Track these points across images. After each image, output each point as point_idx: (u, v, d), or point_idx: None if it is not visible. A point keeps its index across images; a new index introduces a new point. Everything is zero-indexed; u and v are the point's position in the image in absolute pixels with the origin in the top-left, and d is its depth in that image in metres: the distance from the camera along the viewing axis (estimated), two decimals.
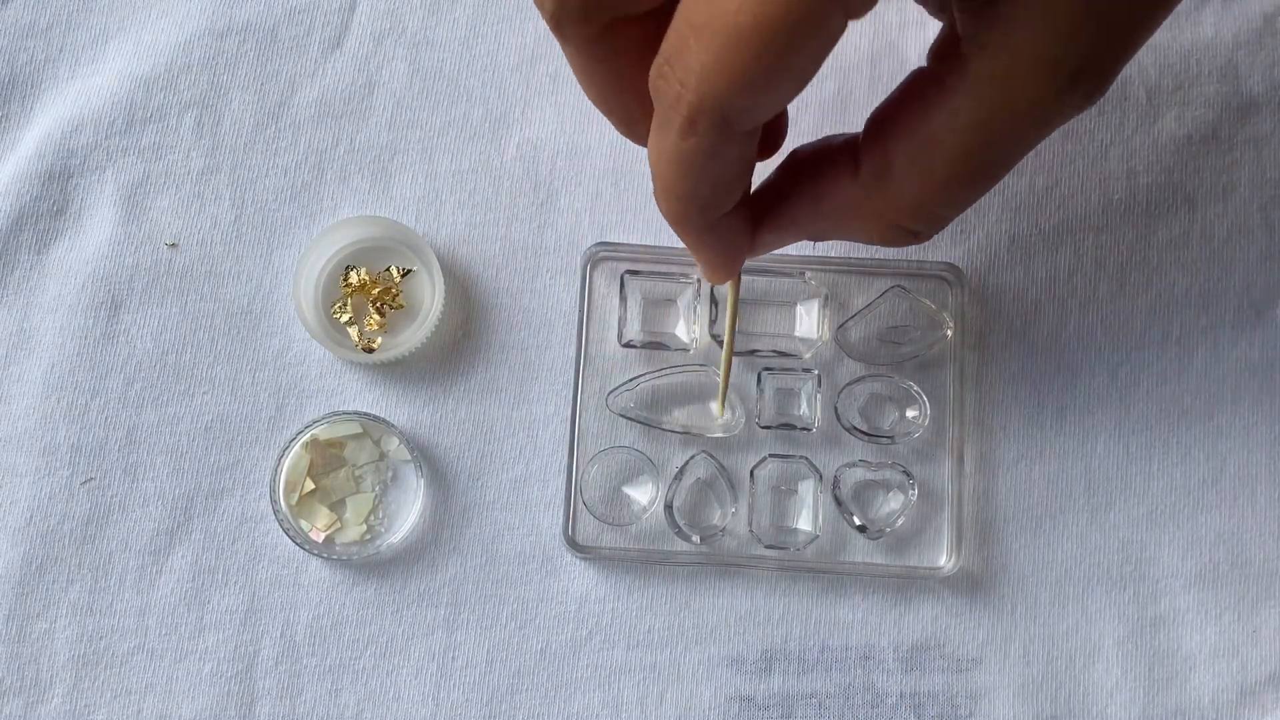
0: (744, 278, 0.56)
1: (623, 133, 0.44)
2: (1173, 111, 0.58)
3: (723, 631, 0.56)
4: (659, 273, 0.56)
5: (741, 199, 0.44)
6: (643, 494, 0.55)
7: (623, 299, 0.56)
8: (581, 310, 0.56)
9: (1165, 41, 0.58)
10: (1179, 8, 0.58)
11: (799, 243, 0.47)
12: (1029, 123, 0.40)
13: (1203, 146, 0.58)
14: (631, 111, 0.42)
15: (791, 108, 0.59)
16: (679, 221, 0.43)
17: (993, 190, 0.57)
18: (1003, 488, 0.56)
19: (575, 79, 0.43)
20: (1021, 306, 0.57)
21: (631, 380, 0.56)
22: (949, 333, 0.56)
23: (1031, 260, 0.57)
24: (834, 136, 0.45)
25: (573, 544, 0.55)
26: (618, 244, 0.56)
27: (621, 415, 0.56)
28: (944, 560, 0.55)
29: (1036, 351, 0.57)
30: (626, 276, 0.56)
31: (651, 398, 0.56)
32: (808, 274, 0.56)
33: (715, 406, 0.55)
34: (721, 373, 0.53)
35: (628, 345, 0.56)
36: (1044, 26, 0.37)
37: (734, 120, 0.38)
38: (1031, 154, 0.57)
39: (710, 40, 0.36)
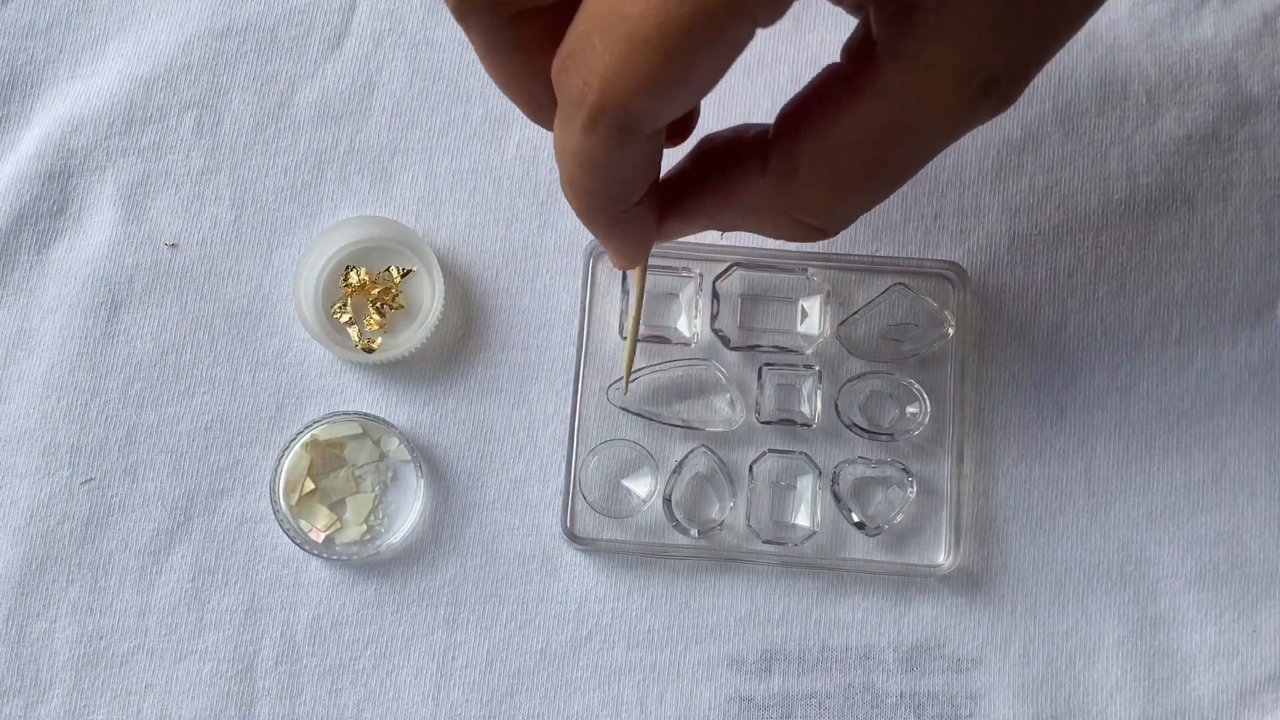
0: (746, 272, 0.56)
1: (531, 118, 0.44)
2: (1173, 111, 0.58)
3: (723, 631, 0.56)
4: (661, 266, 0.56)
5: (649, 189, 0.43)
6: (642, 487, 0.55)
7: (625, 292, 0.56)
8: (584, 303, 0.56)
9: (1165, 41, 0.58)
10: (1179, 8, 0.58)
11: (708, 231, 0.47)
12: (939, 130, 0.40)
13: (1203, 146, 0.58)
14: (538, 99, 0.42)
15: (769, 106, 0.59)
16: (584, 215, 0.43)
17: (993, 190, 0.57)
18: (1002, 487, 0.56)
19: (495, 83, 0.42)
20: (1021, 306, 0.57)
21: (632, 373, 0.56)
22: (950, 331, 0.56)
23: (1031, 260, 0.57)
24: (746, 127, 0.44)
25: (571, 536, 0.55)
26: None
27: (621, 408, 0.56)
28: (942, 558, 0.55)
29: (1036, 351, 0.57)
30: (628, 270, 0.56)
31: (652, 391, 0.56)
32: (810, 270, 0.56)
33: (620, 388, 0.55)
34: (625, 357, 0.53)
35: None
36: (959, 37, 0.37)
37: (637, 123, 0.38)
38: (1032, 154, 0.58)
39: (614, 43, 0.36)
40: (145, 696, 0.55)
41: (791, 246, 0.56)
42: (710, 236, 0.56)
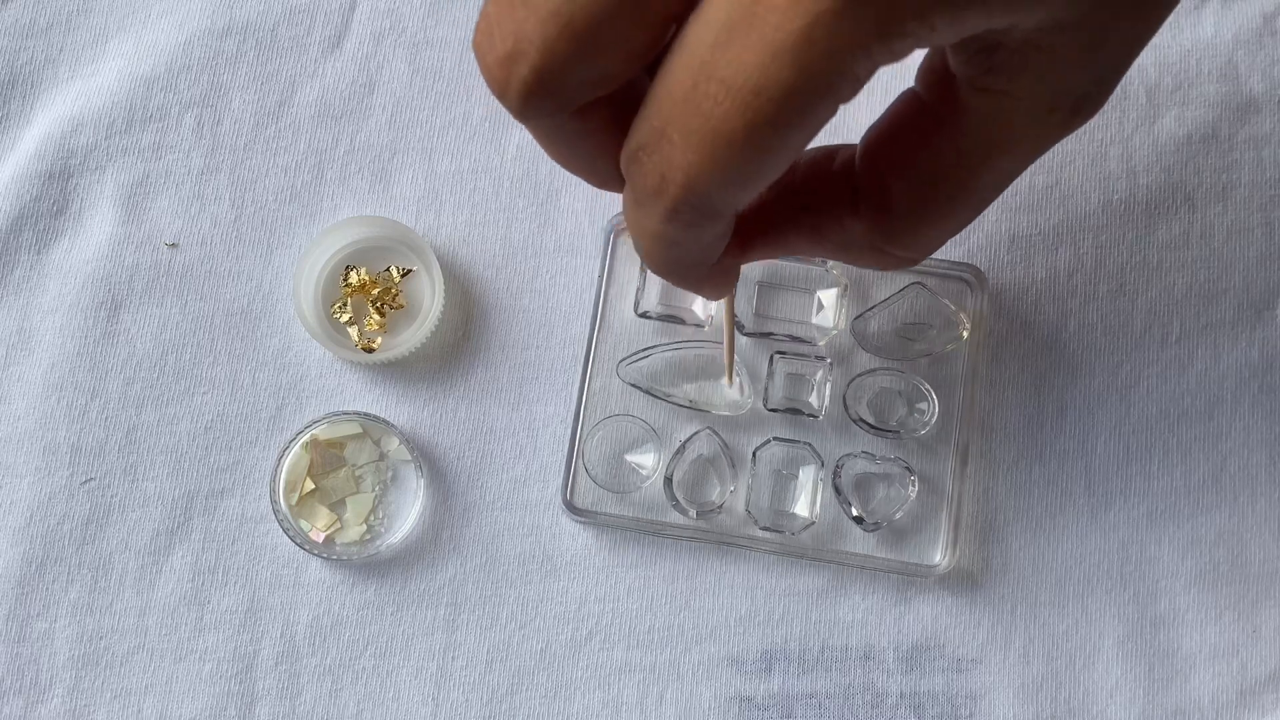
0: (765, 260, 0.56)
1: (595, 187, 0.42)
2: (1173, 111, 0.58)
3: (723, 631, 0.56)
4: None
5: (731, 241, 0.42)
6: (645, 463, 0.56)
7: (642, 270, 0.56)
8: (601, 277, 0.56)
9: (1165, 41, 0.58)
10: (1179, 7, 0.58)
11: None
12: (1029, 151, 0.40)
13: (1203, 146, 0.58)
14: (604, 175, 0.40)
15: None
16: (667, 277, 0.42)
17: None
18: (1002, 487, 0.56)
19: (557, 162, 0.41)
20: (1021, 306, 0.57)
21: (644, 350, 0.56)
22: (965, 334, 0.56)
23: (1031, 260, 0.57)
24: (827, 153, 0.44)
25: (571, 507, 0.55)
26: None
27: (631, 384, 0.56)
28: (939, 558, 0.55)
29: (1036, 351, 0.57)
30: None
31: (661, 370, 0.56)
32: (830, 262, 0.56)
33: (725, 383, 0.55)
34: (726, 359, 0.53)
35: (643, 316, 0.56)
36: (1046, 70, 0.37)
37: (720, 208, 0.37)
38: None
39: (695, 140, 0.34)
40: (145, 696, 0.55)
41: None
42: None
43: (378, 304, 0.57)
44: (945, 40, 0.35)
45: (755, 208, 0.44)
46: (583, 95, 0.35)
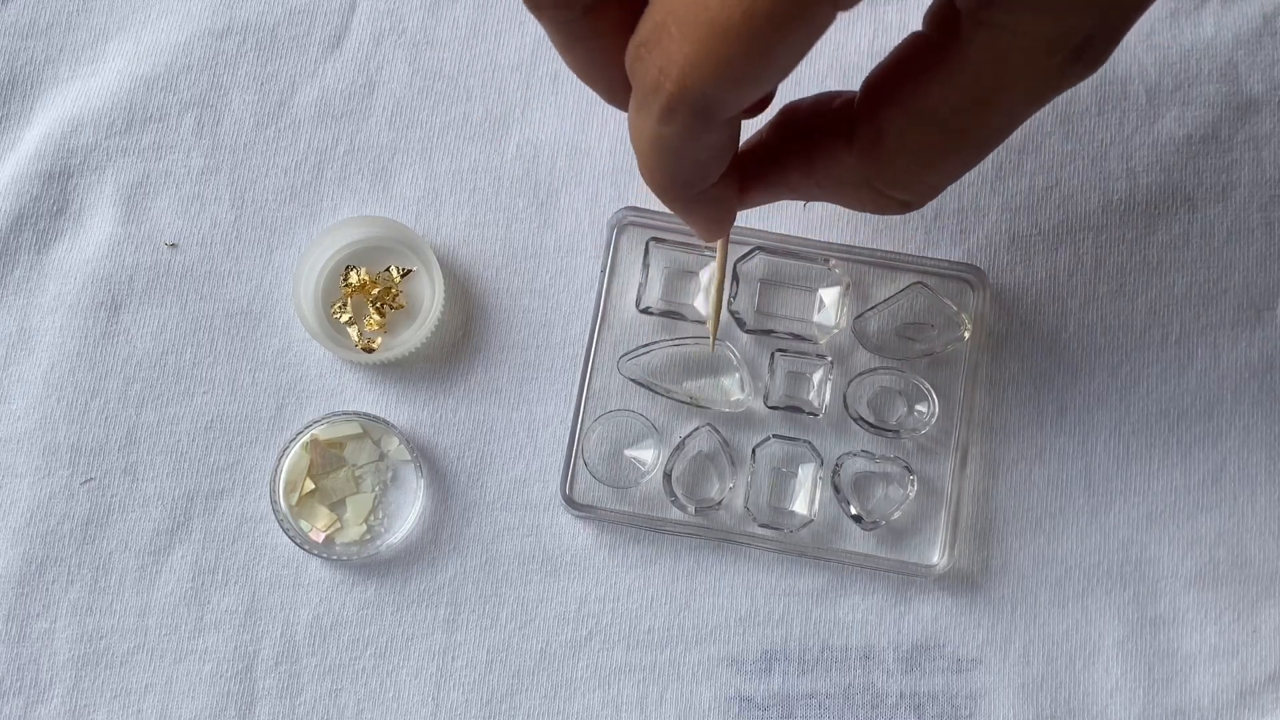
0: (768, 258, 0.56)
1: (607, 102, 0.43)
2: (1173, 111, 0.58)
3: (723, 631, 0.56)
4: (683, 243, 0.56)
5: (730, 168, 0.43)
6: (644, 458, 0.56)
7: (645, 266, 0.56)
8: (604, 271, 0.56)
9: (1165, 41, 0.58)
10: (1179, 8, 0.58)
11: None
12: (1028, 97, 0.39)
13: (1203, 146, 0.58)
14: (614, 85, 0.41)
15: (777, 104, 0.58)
16: (662, 197, 0.42)
17: (993, 190, 0.57)
18: (1003, 487, 0.56)
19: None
20: (1021, 306, 0.57)
21: (645, 346, 0.56)
22: (966, 335, 0.56)
23: (1031, 260, 0.57)
24: (830, 96, 0.44)
25: (570, 502, 0.55)
26: (646, 210, 0.56)
27: (631, 379, 0.56)
28: (937, 558, 0.55)
29: (1036, 351, 0.57)
30: (651, 244, 0.56)
31: (662, 365, 0.56)
32: (832, 261, 0.56)
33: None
34: (711, 323, 0.53)
35: (645, 311, 0.56)
36: (1047, 3, 0.37)
37: (715, 110, 0.37)
38: (1032, 154, 0.58)
39: (693, 31, 0.35)
40: (145, 696, 0.55)
41: (816, 235, 0.56)
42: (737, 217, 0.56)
43: (378, 304, 0.57)
44: None
45: (754, 144, 0.45)
46: None
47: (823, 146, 0.43)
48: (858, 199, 0.44)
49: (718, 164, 0.41)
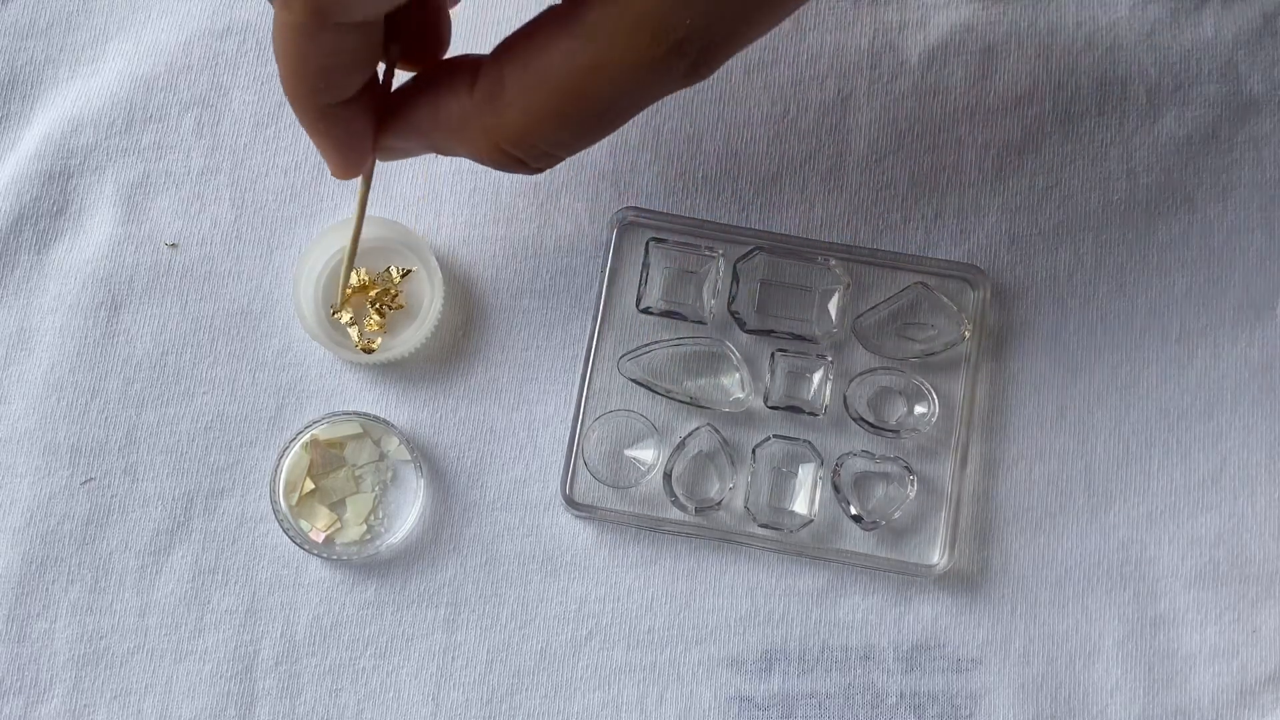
0: (768, 258, 0.56)
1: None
2: (1173, 111, 0.58)
3: (723, 631, 0.56)
4: (684, 243, 0.56)
5: (367, 96, 0.46)
6: (644, 458, 0.56)
7: (645, 266, 0.56)
8: (604, 270, 0.56)
9: (1165, 41, 0.58)
10: (1179, 7, 0.58)
11: (457, 158, 0.49)
12: (630, 79, 0.42)
13: (1203, 146, 0.58)
14: None
15: (791, 106, 0.59)
16: (290, 98, 0.45)
17: (993, 190, 0.57)
18: (1003, 488, 0.56)
19: None
20: (1021, 306, 0.57)
21: (645, 346, 0.56)
22: (966, 335, 0.56)
23: (1031, 260, 0.57)
24: (468, 55, 0.46)
25: (570, 502, 0.55)
26: (646, 210, 0.56)
27: (631, 379, 0.56)
28: (937, 558, 0.55)
29: (1036, 351, 0.57)
30: (651, 244, 0.56)
31: (663, 365, 0.56)
32: (832, 261, 0.56)
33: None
34: (342, 274, 0.54)
35: (645, 311, 0.56)
36: None
37: (327, 7, 0.40)
38: (1032, 154, 0.58)
39: None
40: (145, 696, 0.55)
41: (816, 235, 0.57)
42: (736, 216, 0.57)
43: (377, 304, 0.57)
44: None
45: (394, 94, 0.48)
46: None
47: (448, 90, 0.46)
48: (475, 147, 0.46)
49: (344, 75, 0.44)
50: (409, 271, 0.57)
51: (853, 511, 0.55)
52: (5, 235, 0.58)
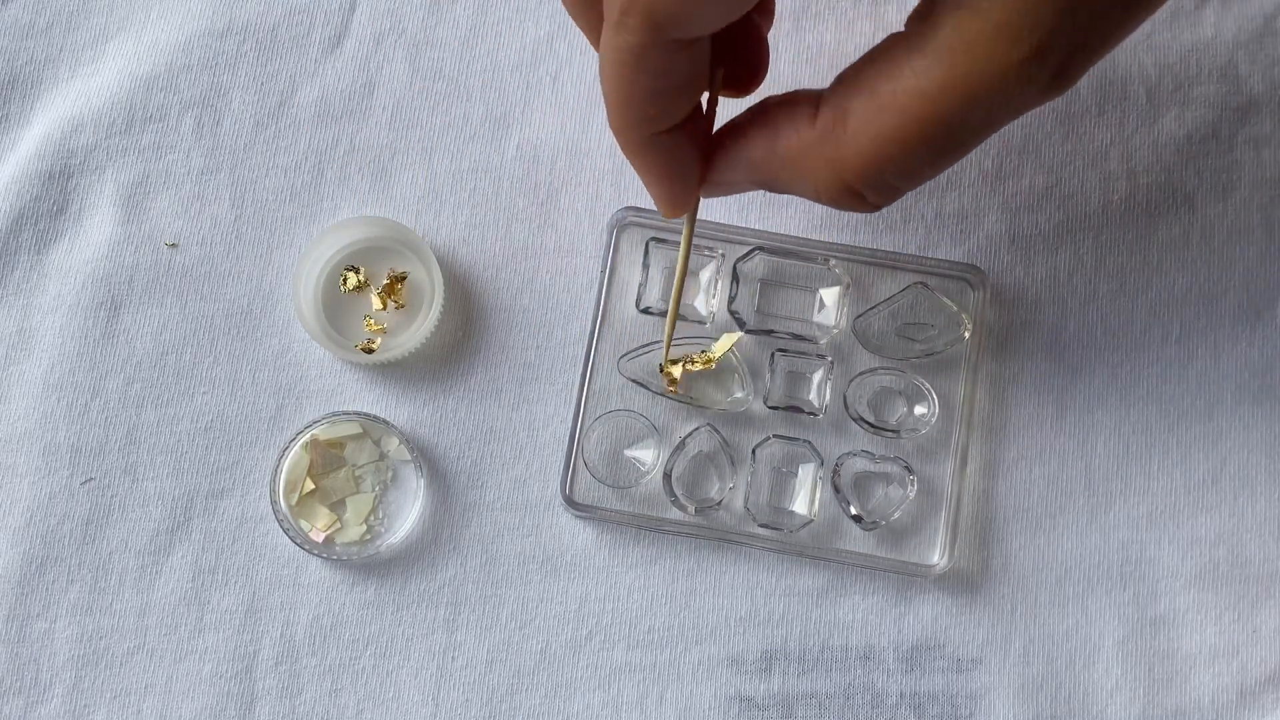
0: (768, 258, 0.56)
1: (592, 43, 0.45)
2: (1173, 111, 0.58)
3: (723, 631, 0.56)
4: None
5: (694, 127, 0.45)
6: (644, 458, 0.56)
7: (645, 266, 0.56)
8: (604, 271, 0.56)
9: (1165, 41, 0.58)
10: (1179, 7, 0.58)
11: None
12: (988, 94, 0.40)
13: (1203, 146, 0.58)
14: (597, 23, 0.43)
15: None
16: (618, 129, 0.44)
17: (993, 190, 0.57)
18: (1003, 488, 0.56)
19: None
20: (1021, 306, 0.57)
21: (645, 346, 0.56)
22: (966, 335, 0.56)
23: (1031, 260, 0.57)
24: (807, 89, 0.45)
25: (570, 502, 0.55)
26: (646, 210, 0.56)
27: (631, 379, 0.56)
28: (936, 559, 0.55)
29: (1036, 351, 0.57)
30: (651, 244, 0.56)
31: (658, 368, 0.56)
32: (832, 261, 0.56)
33: (660, 360, 0.55)
34: (667, 322, 0.53)
35: (645, 311, 0.56)
36: None
37: (664, 21, 0.39)
38: (1032, 154, 0.58)
39: None
40: (145, 696, 0.55)
41: (816, 235, 0.56)
42: (736, 216, 0.57)
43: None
44: None
45: (725, 125, 0.46)
46: None
47: (787, 122, 0.44)
48: (816, 183, 0.44)
49: (674, 98, 0.43)
50: (405, 275, 0.57)
51: (853, 512, 0.55)
52: (5, 235, 0.58)
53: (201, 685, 0.55)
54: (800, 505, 0.55)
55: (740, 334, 0.55)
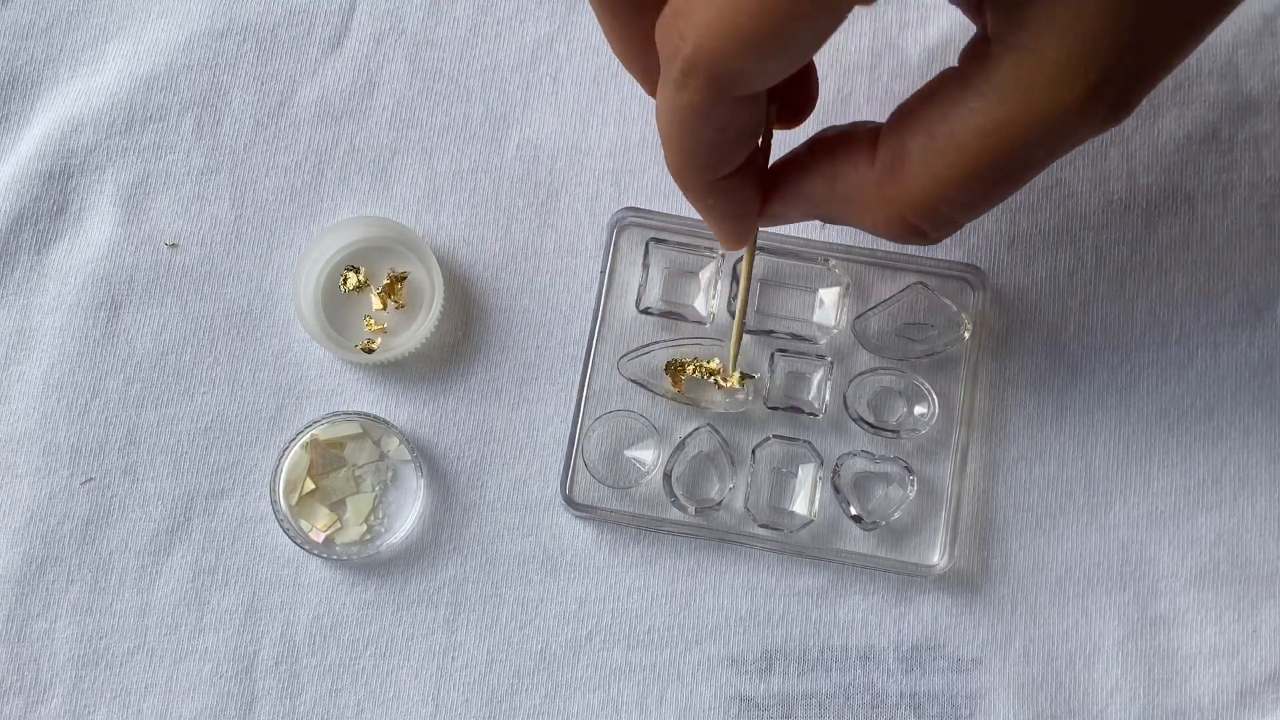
0: (768, 258, 0.56)
1: (645, 90, 0.45)
2: (1173, 111, 0.58)
3: (723, 631, 0.56)
4: (684, 244, 0.56)
5: (751, 165, 0.44)
6: (644, 458, 0.56)
7: (645, 266, 0.56)
8: (604, 271, 0.56)
9: None
10: None
11: (810, 222, 0.47)
12: (1047, 131, 0.40)
13: (1203, 146, 0.58)
14: (651, 69, 0.43)
15: None
16: (678, 177, 0.44)
17: None
18: (1003, 488, 0.56)
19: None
20: (1021, 306, 0.57)
21: (645, 346, 0.56)
22: (966, 335, 0.56)
23: (1031, 260, 0.57)
24: (863, 123, 0.45)
25: (570, 502, 0.55)
26: (646, 210, 0.56)
27: (631, 379, 0.56)
28: (937, 559, 0.55)
29: (1036, 351, 0.57)
30: (651, 244, 0.56)
31: (662, 366, 0.56)
32: (832, 261, 0.56)
33: (730, 378, 0.55)
34: (732, 343, 0.53)
35: (645, 312, 0.56)
36: (1072, 33, 0.37)
37: (727, 82, 0.38)
38: None
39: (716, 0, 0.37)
40: (145, 696, 0.55)
41: (816, 235, 0.56)
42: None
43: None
44: None
45: (782, 160, 0.46)
46: None
47: (846, 161, 0.44)
48: (874, 220, 0.44)
49: (732, 148, 0.42)
50: (407, 272, 0.57)
51: (853, 512, 0.55)
52: (5, 235, 0.58)
53: (201, 685, 0.55)
54: (800, 505, 0.55)
55: (756, 376, 0.55)
